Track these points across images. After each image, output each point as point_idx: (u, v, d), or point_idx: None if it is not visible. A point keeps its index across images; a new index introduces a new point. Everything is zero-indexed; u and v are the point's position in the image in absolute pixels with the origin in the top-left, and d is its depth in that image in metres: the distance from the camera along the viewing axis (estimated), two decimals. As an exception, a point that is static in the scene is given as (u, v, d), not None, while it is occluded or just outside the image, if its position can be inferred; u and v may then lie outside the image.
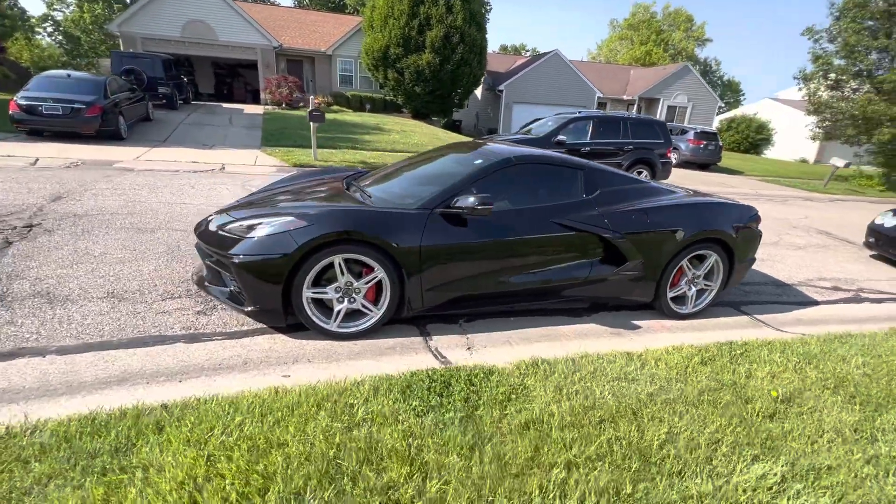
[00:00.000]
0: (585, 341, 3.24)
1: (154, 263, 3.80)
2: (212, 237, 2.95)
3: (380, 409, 1.99)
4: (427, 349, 2.95)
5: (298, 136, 13.58)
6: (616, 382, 2.40)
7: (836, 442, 2.04)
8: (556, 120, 10.41)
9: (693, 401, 2.27)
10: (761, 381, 2.55)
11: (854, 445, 2.04)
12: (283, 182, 4.15)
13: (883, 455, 2.00)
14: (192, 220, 5.09)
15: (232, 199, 6.32)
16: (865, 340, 3.29)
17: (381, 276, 2.86)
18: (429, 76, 20.72)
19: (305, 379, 2.43)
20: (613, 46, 45.34)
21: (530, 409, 2.07)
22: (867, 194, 15.19)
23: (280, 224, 2.69)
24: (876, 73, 14.88)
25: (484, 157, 3.40)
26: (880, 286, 5.31)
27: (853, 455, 1.96)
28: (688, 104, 27.58)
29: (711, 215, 3.63)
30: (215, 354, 2.64)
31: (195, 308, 3.14)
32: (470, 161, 3.47)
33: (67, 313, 2.89)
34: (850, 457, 1.95)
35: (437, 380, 2.28)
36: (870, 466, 1.91)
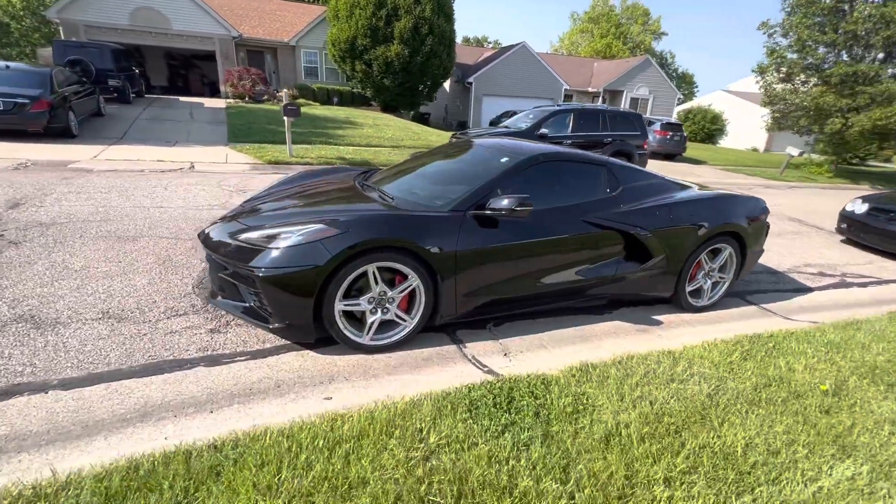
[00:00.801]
0: (617, 340, 3.21)
1: (146, 276, 3.45)
2: (226, 247, 2.68)
3: (452, 433, 1.85)
4: (464, 358, 2.82)
5: (267, 131, 12.96)
6: (672, 385, 2.37)
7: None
8: (537, 113, 10.41)
9: (752, 399, 2.26)
10: (802, 374, 2.59)
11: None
12: (284, 184, 3.87)
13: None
14: (175, 225, 4.71)
15: (211, 200, 5.92)
16: (874, 326, 3.44)
17: (416, 284, 2.70)
18: (398, 68, 20.30)
19: (350, 401, 2.25)
20: (575, 39, 46.09)
21: (603, 421, 1.99)
22: (818, 181, 16.19)
23: (309, 233, 2.47)
24: (823, 67, 15.82)
25: (510, 156, 3.28)
26: (860, 270, 5.62)
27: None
28: (649, 96, 28.45)
29: (729, 209, 3.68)
30: (242, 378, 2.40)
31: (206, 325, 2.86)
32: (494, 159, 3.33)
33: (61, 339, 2.56)
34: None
35: (498, 394, 2.16)
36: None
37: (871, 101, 14.86)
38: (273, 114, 16.11)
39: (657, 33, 45.15)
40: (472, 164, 3.50)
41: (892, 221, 6.23)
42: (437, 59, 21.22)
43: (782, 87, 17.32)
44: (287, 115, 9.62)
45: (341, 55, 20.51)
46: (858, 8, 14.34)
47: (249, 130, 12.88)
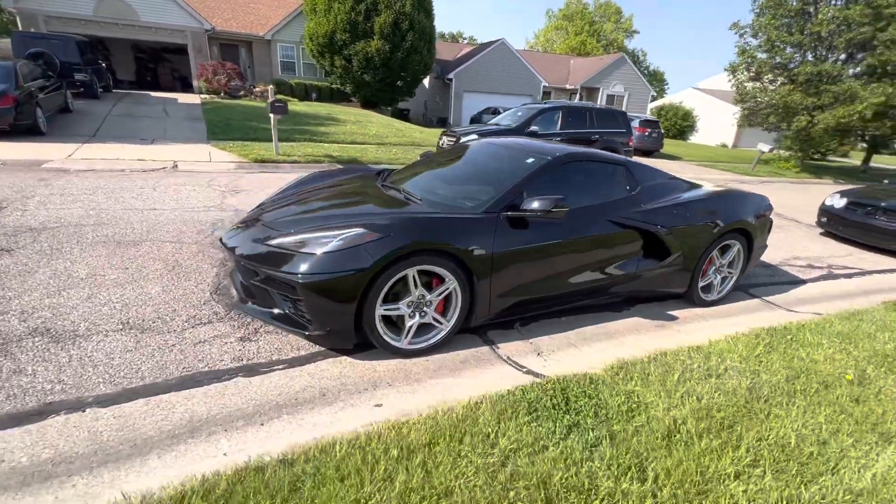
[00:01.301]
0: (639, 336, 3.28)
1: (159, 283, 3.31)
2: (257, 253, 2.60)
3: (520, 437, 1.86)
4: (499, 359, 2.84)
5: (248, 128, 12.61)
6: (711, 380, 2.45)
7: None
8: (526, 110, 10.50)
9: (788, 391, 2.37)
10: (824, 364, 2.72)
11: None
12: (299, 185, 3.76)
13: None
14: (175, 228, 4.53)
15: (206, 201, 5.72)
16: (874, 316, 3.64)
17: (453, 287, 2.69)
18: (378, 64, 20.07)
19: (400, 407, 2.23)
20: (550, 36, 46.62)
21: (659, 419, 2.05)
22: (787, 176, 16.94)
23: (350, 237, 2.42)
24: (791, 67, 16.54)
25: (535, 156, 3.30)
26: (843, 262, 5.92)
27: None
28: (624, 93, 29.09)
29: (740, 206, 3.82)
30: (285, 387, 2.34)
31: (235, 334, 2.77)
32: (519, 159, 3.34)
33: (85, 353, 2.43)
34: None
35: (553, 395, 2.19)
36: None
37: (834, 100, 15.62)
38: (251, 110, 15.67)
39: (629, 31, 46.19)
40: (494, 164, 3.50)
41: (868, 215, 6.59)
42: (417, 55, 21.08)
43: (752, 85, 18.01)
44: (274, 113, 9.37)
45: (319, 50, 20.10)
46: (823, 11, 15.05)
47: (229, 127, 12.48)
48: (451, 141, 9.73)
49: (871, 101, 14.58)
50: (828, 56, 16.15)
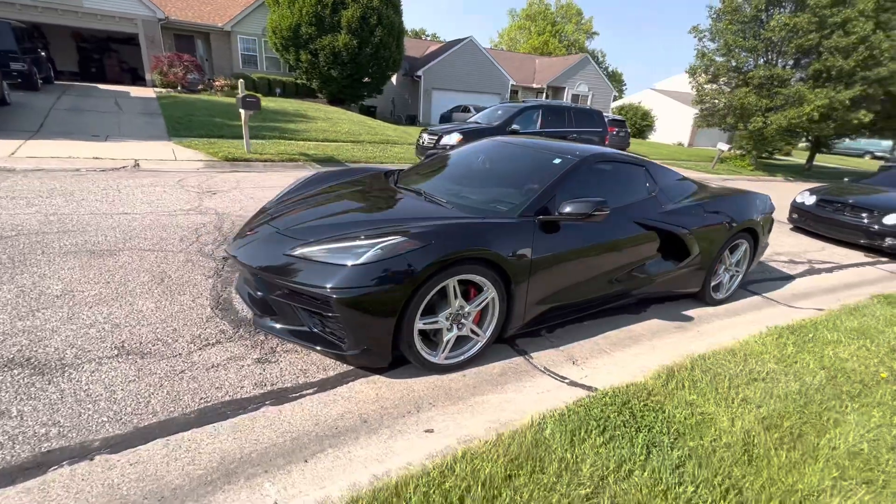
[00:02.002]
0: (664, 339, 3.25)
1: (150, 299, 2.95)
2: (277, 265, 2.33)
3: (601, 461, 1.73)
4: (536, 369, 2.70)
5: (213, 124, 11.90)
6: (758, 384, 2.42)
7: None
8: (506, 109, 10.45)
9: (834, 393, 2.37)
10: (853, 363, 2.77)
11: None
12: (303, 188, 3.47)
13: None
14: (154, 235, 4.11)
15: (181, 203, 5.27)
16: (875, 311, 3.79)
17: (492, 296, 2.52)
18: (347, 59, 19.52)
19: (453, 431, 2.05)
20: (514, 35, 47.10)
21: (727, 430, 1.98)
22: (743, 173, 17.88)
23: (389, 246, 2.20)
24: (746, 70, 17.43)
25: (561, 157, 3.18)
26: (820, 257, 6.22)
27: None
28: (588, 93, 29.81)
29: (749, 207, 3.87)
30: (321, 415, 2.10)
31: (250, 355, 2.48)
32: (544, 160, 3.22)
33: (79, 386, 2.08)
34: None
35: (619, 410, 2.07)
36: None
37: (785, 102, 16.61)
38: (213, 105, 14.81)
39: (589, 33, 47.45)
40: (517, 164, 3.36)
41: (837, 212, 6.97)
42: (386, 51, 20.66)
43: (710, 87, 18.85)
44: (245, 109, 8.83)
45: (284, 44, 19.30)
46: (775, 18, 15.93)
47: (191, 124, 11.71)
48: (433, 139, 9.53)
49: (817, 103, 15.59)
50: (778, 61, 17.14)
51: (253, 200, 5.78)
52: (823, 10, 14.95)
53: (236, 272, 3.50)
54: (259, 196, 6.04)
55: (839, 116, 16.15)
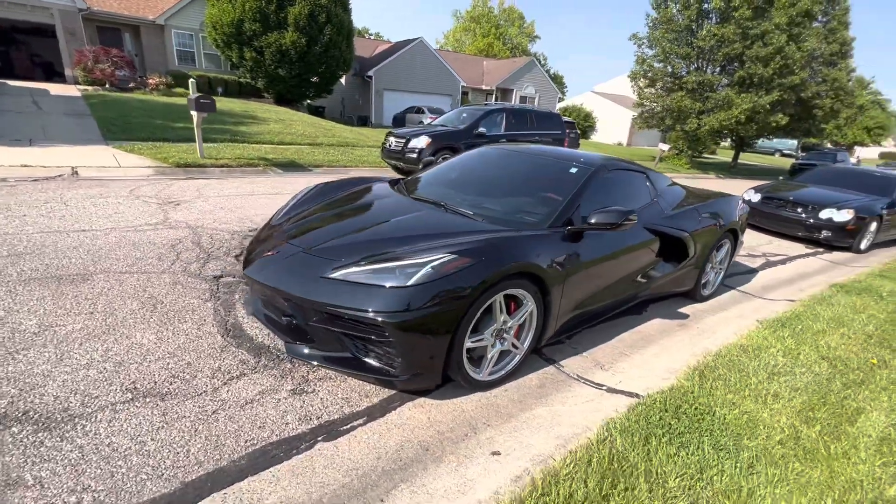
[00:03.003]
0: (673, 338, 3.40)
1: (149, 330, 2.64)
2: (314, 288, 2.17)
3: (681, 470, 1.76)
4: (570, 378, 2.73)
5: (154, 126, 11.01)
6: (779, 378, 2.60)
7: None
8: (472, 111, 10.50)
9: (845, 382, 2.60)
10: (844, 351, 3.06)
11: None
12: (307, 201, 3.25)
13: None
14: (126, 254, 3.71)
15: (146, 217, 4.81)
16: (840, 300, 4.21)
17: (532, 309, 2.51)
18: (295, 58, 18.78)
19: (519, 452, 2.01)
20: (459, 37, 47.56)
21: (773, 426, 2.10)
22: (680, 171, 19.26)
23: (440, 265, 2.12)
24: (681, 75, 18.80)
25: (576, 165, 3.23)
26: (771, 249, 6.82)
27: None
28: (535, 95, 30.76)
29: (732, 208, 4.15)
30: (380, 447, 1.98)
31: (283, 386, 2.30)
32: (559, 168, 3.26)
33: (99, 440, 1.82)
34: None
35: (674, 415, 2.12)
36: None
37: (715, 106, 18.09)
38: (151, 105, 13.67)
39: (532, 36, 48.97)
40: (532, 173, 3.38)
41: (780, 207, 7.68)
42: (336, 50, 20.12)
43: (650, 91, 20.13)
44: (198, 111, 8.20)
45: (225, 40, 18.20)
46: (705, 28, 17.31)
47: (129, 126, 10.75)
48: (400, 143, 9.38)
49: (743, 107, 17.13)
50: (708, 68, 18.63)
51: (224, 211, 5.38)
52: (746, 22, 16.44)
53: (236, 293, 3.24)
54: (229, 206, 5.64)
55: (761, 119, 17.85)
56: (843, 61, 19.74)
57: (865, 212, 7.06)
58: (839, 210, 7.08)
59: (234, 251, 4.10)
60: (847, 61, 19.76)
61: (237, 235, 4.53)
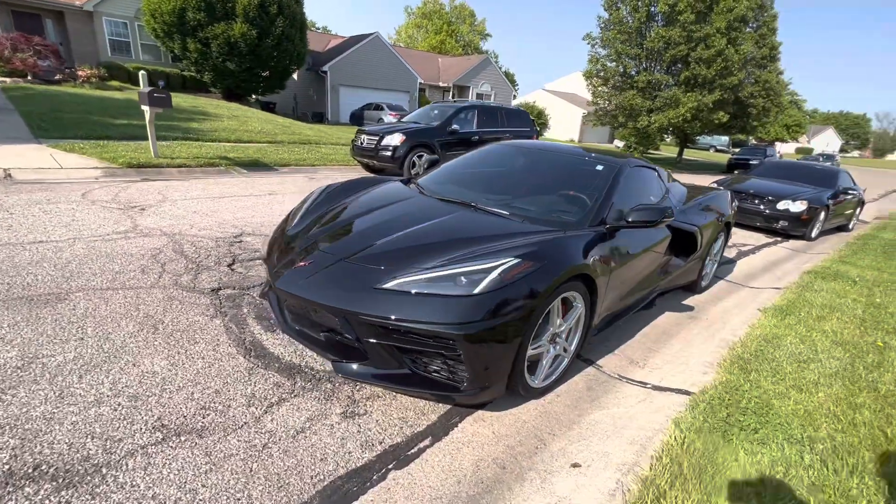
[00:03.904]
0: (690, 332, 3.48)
1: (157, 355, 2.32)
2: (369, 301, 1.98)
3: (766, 469, 1.76)
4: (612, 378, 2.70)
5: (91, 123, 10.05)
6: (809, 366, 2.70)
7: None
8: (443, 108, 10.37)
9: (865, 367, 2.75)
10: (849, 335, 3.25)
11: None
12: (322, 204, 3.00)
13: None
14: (103, 268, 3.29)
15: (111, 225, 4.33)
16: (822, 286, 4.50)
17: (581, 310, 2.45)
18: (245, 51, 17.77)
19: (597, 461, 1.93)
20: (411, 33, 47.12)
21: (829, 415, 2.16)
22: (634, 167, 20.19)
23: (506, 270, 1.99)
24: (633, 75, 19.67)
25: (602, 163, 3.20)
26: (739, 240, 7.23)
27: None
28: (491, 92, 31.09)
29: (727, 203, 4.33)
30: (456, 469, 1.83)
31: (332, 410, 2.08)
32: (585, 166, 3.22)
33: (139, 492, 1.54)
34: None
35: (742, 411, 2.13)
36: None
37: (664, 104, 19.08)
38: (84, 99, 12.44)
39: (483, 34, 49.44)
40: (555, 171, 3.32)
41: (742, 200, 8.17)
42: (290, 44, 19.27)
43: (603, 89, 20.91)
44: (152, 106, 7.50)
45: (166, 30, 16.87)
46: (654, 30, 18.19)
47: (62, 122, 9.73)
48: (373, 140, 9.09)
49: (689, 105, 18.19)
50: (657, 68, 19.61)
51: (200, 216, 4.94)
52: (690, 25, 17.44)
53: (242, 306, 2.93)
54: (202, 210, 5.19)
55: (704, 116, 19.03)
56: (772, 64, 21.43)
57: (816, 202, 7.67)
58: (794, 201, 7.65)
59: (225, 260, 3.74)
60: (776, 64, 21.48)
61: (222, 242, 4.15)
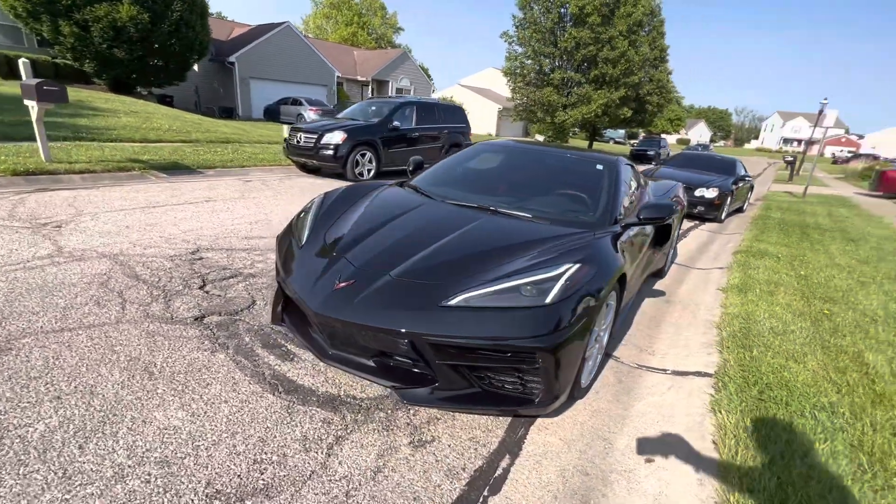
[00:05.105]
0: (673, 315, 3.76)
1: (170, 405, 1.96)
2: (436, 321, 1.85)
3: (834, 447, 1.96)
4: (631, 367, 2.83)
5: (-51, 121, 8.24)
6: (787, 338, 3.07)
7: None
8: (381, 104, 10.09)
9: (831, 333, 3.19)
10: (801, 307, 3.75)
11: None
12: (328, 213, 2.73)
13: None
14: (43, 305, 2.72)
15: (25, 250, 3.58)
16: (756, 264, 5.13)
17: (613, 307, 2.53)
18: (136, 37, 15.71)
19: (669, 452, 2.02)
20: (320, 23, 44.94)
21: (830, 381, 2.47)
22: (553, 160, 21.45)
23: (571, 277, 1.98)
24: (549, 72, 20.78)
25: (600, 163, 3.30)
26: (669, 225, 8.00)
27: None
28: (411, 87, 30.89)
29: (683, 193, 4.74)
30: (549, 485, 1.79)
31: (398, 441, 1.91)
32: (585, 165, 3.33)
33: (229, 580, 1.28)
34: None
35: (771, 392, 2.35)
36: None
37: (577, 100, 20.45)
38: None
39: (396, 28, 48.78)
40: (558, 171, 3.37)
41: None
42: (189, 30, 17.41)
43: (520, 84, 21.83)
44: (41, 101, 6.30)
45: (30, 10, 14.30)
46: (568, 31, 19.36)
47: None
48: (311, 138, 8.56)
49: (599, 102, 19.70)
50: (570, 67, 20.93)
51: (136, 231, 4.28)
52: (598, 27, 18.84)
53: (242, 334, 2.59)
54: (135, 223, 4.51)
55: (612, 112, 20.76)
56: (662, 64, 23.99)
57: (724, 189, 8.75)
58: (707, 188, 8.65)
59: (194, 281, 3.28)
60: (665, 65, 24.09)
61: (180, 261, 3.63)
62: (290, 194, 6.76)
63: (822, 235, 7.32)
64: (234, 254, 3.94)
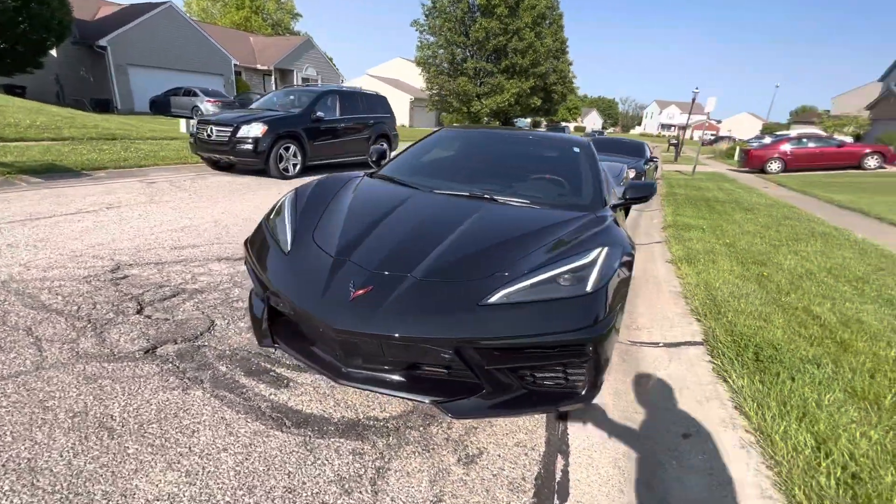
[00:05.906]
0: (636, 288, 3.95)
1: (152, 465, 1.53)
2: (481, 322, 1.67)
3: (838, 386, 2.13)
4: (626, 344, 2.90)
5: None
6: (746, 300, 3.35)
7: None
8: (301, 94, 9.37)
9: (776, 290, 3.55)
10: (743, 271, 4.15)
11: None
12: (311, 210, 2.36)
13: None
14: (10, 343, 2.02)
15: None
16: (688, 235, 5.62)
17: (621, 289, 2.54)
18: (-30, 13, 12.78)
19: (701, 424, 2.06)
20: (205, 6, 40.50)
21: (803, 336, 2.73)
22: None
23: (603, 260, 1.90)
24: (463, 62, 20.97)
25: (577, 146, 3.29)
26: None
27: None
28: (317, 77, 29.26)
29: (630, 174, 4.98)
30: (604, 480, 1.72)
31: (444, 460, 1.70)
32: (565, 149, 3.29)
33: None
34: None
35: (765, 347, 2.51)
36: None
37: (491, 90, 20.95)
38: None
39: (293, 14, 45.74)
40: (539, 156, 3.30)
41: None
42: (43, 7, 14.64)
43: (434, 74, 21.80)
44: None
45: None
46: (478, 21, 19.62)
47: None
48: (225, 132, 7.66)
49: (512, 91, 20.39)
50: (483, 57, 21.32)
51: (26, 249, 3.48)
52: (505, 18, 19.38)
53: (214, 362, 2.16)
54: (22, 241, 3.67)
55: (523, 101, 21.61)
56: (563, 56, 25.49)
57: (639, 169, 9.49)
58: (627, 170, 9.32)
59: (127, 306, 2.69)
60: (566, 56, 25.63)
61: (98, 282, 2.98)
62: (210, 195, 5.96)
63: (723, 207, 8.28)
64: (167, 268, 3.33)
